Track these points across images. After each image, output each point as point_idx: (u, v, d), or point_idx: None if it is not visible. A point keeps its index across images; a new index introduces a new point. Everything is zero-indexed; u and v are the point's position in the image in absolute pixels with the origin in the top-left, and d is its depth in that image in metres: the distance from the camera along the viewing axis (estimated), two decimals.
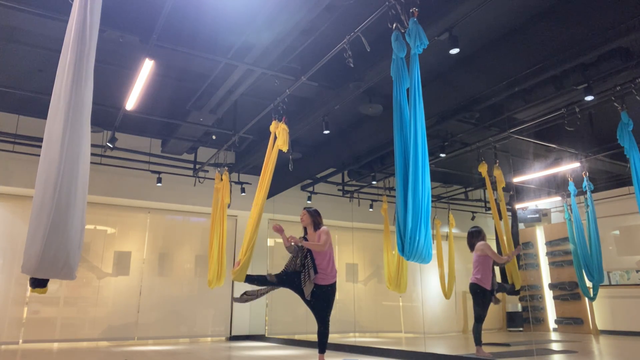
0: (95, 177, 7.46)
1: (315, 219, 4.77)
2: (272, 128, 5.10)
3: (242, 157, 8.43)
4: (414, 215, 2.95)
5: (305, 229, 4.84)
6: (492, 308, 5.88)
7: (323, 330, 4.56)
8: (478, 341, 5.52)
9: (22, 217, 7.69)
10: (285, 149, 4.93)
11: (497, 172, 6.55)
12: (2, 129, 7.10)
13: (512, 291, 6.29)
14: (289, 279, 4.63)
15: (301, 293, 4.59)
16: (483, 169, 6.60)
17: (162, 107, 7.12)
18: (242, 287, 9.24)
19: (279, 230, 4.62)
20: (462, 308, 9.56)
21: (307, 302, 4.61)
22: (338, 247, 10.35)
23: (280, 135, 4.94)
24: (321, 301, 4.57)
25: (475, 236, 5.87)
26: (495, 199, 6.49)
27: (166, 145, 8.24)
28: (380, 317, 10.21)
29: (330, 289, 4.60)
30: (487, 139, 6.89)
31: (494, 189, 6.53)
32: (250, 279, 4.64)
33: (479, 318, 5.60)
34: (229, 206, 6.60)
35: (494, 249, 6.02)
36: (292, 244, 4.64)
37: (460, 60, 5.30)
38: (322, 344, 4.57)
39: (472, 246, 5.88)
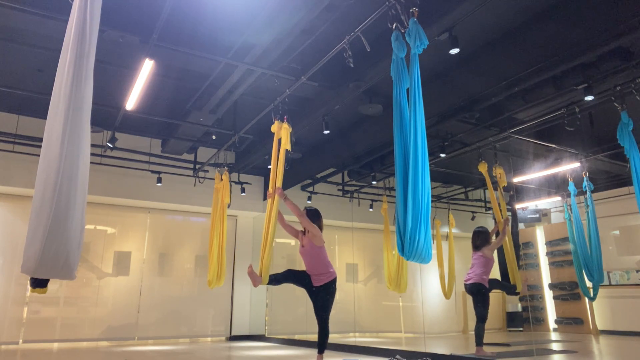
0: (95, 177, 7.46)
1: (312, 220, 4.73)
2: (274, 129, 5.02)
3: (242, 157, 8.43)
4: (414, 215, 2.95)
5: (305, 229, 4.82)
6: (492, 308, 5.88)
7: (321, 331, 4.57)
8: (480, 341, 5.50)
9: (22, 217, 7.68)
10: (288, 147, 4.91)
11: (500, 171, 6.54)
12: (2, 129, 7.10)
13: (512, 292, 6.29)
14: (295, 276, 4.69)
15: (307, 289, 4.64)
16: (483, 168, 6.59)
17: (162, 107, 7.12)
18: (242, 288, 9.28)
19: (281, 194, 4.62)
20: (462, 308, 9.55)
21: (310, 296, 4.67)
22: (338, 247, 10.36)
23: (283, 136, 4.91)
24: (316, 301, 4.60)
25: (480, 237, 5.89)
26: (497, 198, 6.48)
27: (166, 145, 8.24)
28: (380, 317, 10.21)
29: (324, 289, 4.57)
30: (487, 139, 6.88)
31: (495, 188, 6.52)
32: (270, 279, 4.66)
33: (484, 318, 5.59)
34: (229, 206, 6.60)
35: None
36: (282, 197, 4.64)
37: (460, 60, 5.29)
38: (321, 345, 4.58)
39: (477, 247, 5.86)
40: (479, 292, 5.66)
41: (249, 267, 4.49)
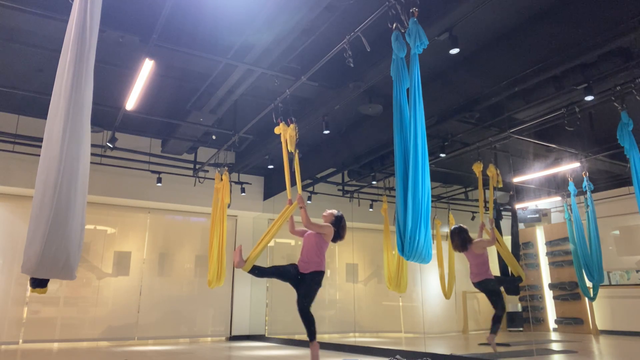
0: (95, 177, 7.46)
1: (335, 225, 4.81)
2: (278, 130, 5.00)
3: (242, 157, 8.43)
4: (414, 215, 2.95)
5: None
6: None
7: (305, 320, 4.58)
8: (494, 329, 5.69)
9: (22, 217, 7.68)
10: (292, 149, 4.94)
11: (495, 171, 6.51)
12: (2, 129, 7.10)
13: (516, 285, 6.33)
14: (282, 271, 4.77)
15: (293, 281, 4.69)
16: (478, 168, 6.57)
17: (162, 107, 7.12)
18: (242, 288, 9.27)
19: (300, 201, 4.73)
20: (462, 308, 9.55)
21: (295, 288, 4.71)
22: (338, 247, 10.34)
23: (290, 137, 4.92)
24: (300, 288, 4.64)
25: (460, 236, 5.91)
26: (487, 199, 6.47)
27: (166, 145, 8.24)
28: (380, 317, 10.21)
29: (310, 277, 4.62)
30: (487, 139, 6.88)
31: (487, 188, 6.51)
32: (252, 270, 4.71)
33: (502, 308, 5.80)
34: (229, 206, 6.60)
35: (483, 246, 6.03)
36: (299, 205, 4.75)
37: (460, 60, 5.30)
38: (310, 332, 4.58)
39: (460, 247, 5.89)
40: (488, 286, 5.78)
41: (239, 246, 4.60)
